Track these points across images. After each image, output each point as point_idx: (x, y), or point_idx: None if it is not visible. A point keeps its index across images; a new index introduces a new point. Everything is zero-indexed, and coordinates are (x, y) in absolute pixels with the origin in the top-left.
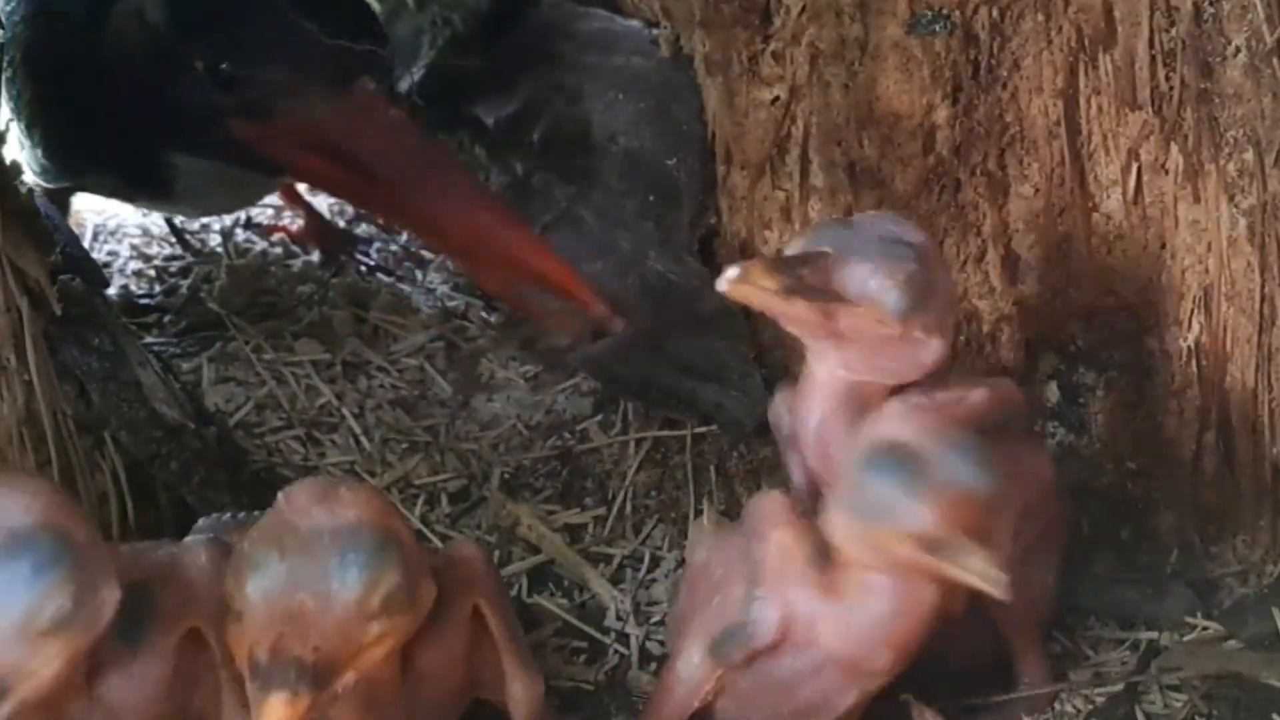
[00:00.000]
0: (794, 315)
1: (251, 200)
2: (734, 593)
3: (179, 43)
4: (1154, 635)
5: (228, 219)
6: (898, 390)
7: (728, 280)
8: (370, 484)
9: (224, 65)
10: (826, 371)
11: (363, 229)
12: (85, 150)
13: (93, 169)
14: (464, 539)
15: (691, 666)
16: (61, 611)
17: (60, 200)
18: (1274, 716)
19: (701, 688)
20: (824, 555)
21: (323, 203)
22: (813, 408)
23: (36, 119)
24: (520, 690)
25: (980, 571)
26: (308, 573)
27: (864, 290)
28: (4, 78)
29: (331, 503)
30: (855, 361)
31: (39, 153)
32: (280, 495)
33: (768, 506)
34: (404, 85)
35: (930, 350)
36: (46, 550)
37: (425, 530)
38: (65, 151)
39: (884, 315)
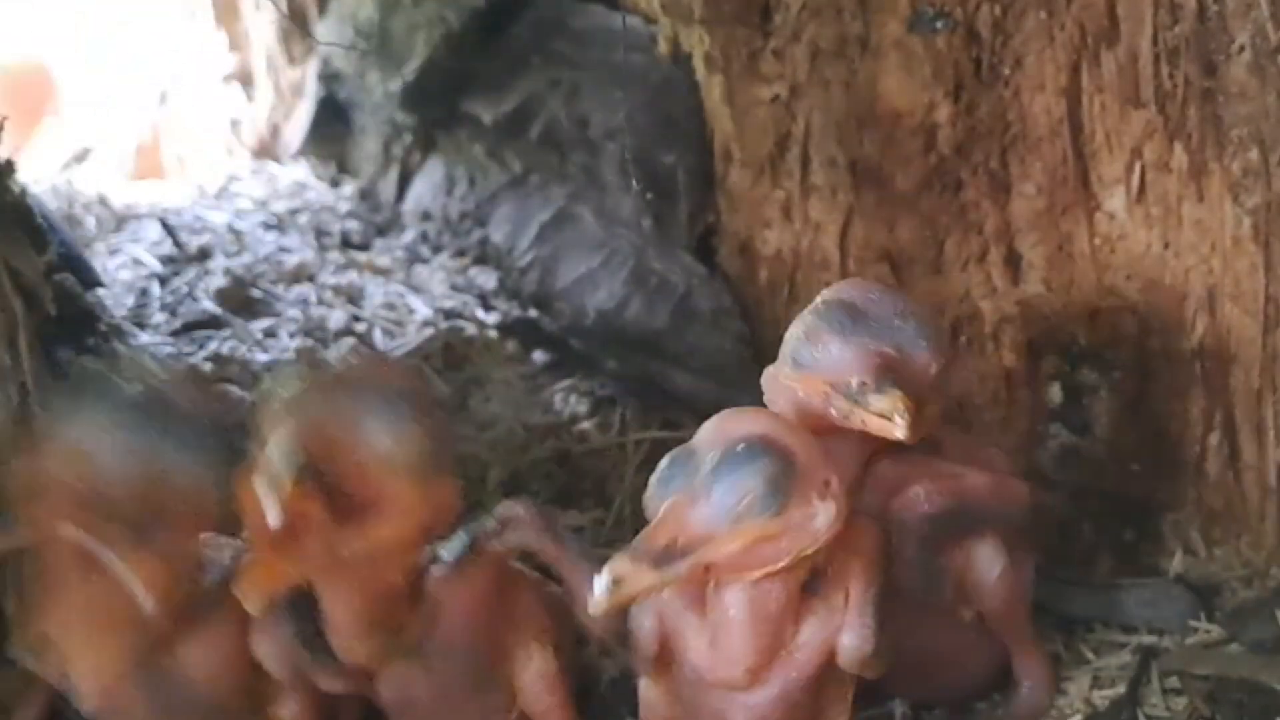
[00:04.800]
0: (680, 583)
1: None
2: None
3: None
4: (1155, 639)
5: (226, 217)
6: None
7: (603, 598)
8: None
9: None
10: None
11: None
12: None
13: None
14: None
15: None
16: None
17: None
18: (1276, 719)
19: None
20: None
21: None
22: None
23: None
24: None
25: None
26: None
27: (730, 518)
28: None
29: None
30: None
31: None
32: None
33: None
34: (397, 85)
35: (825, 515)
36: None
37: None
38: None
39: (760, 529)
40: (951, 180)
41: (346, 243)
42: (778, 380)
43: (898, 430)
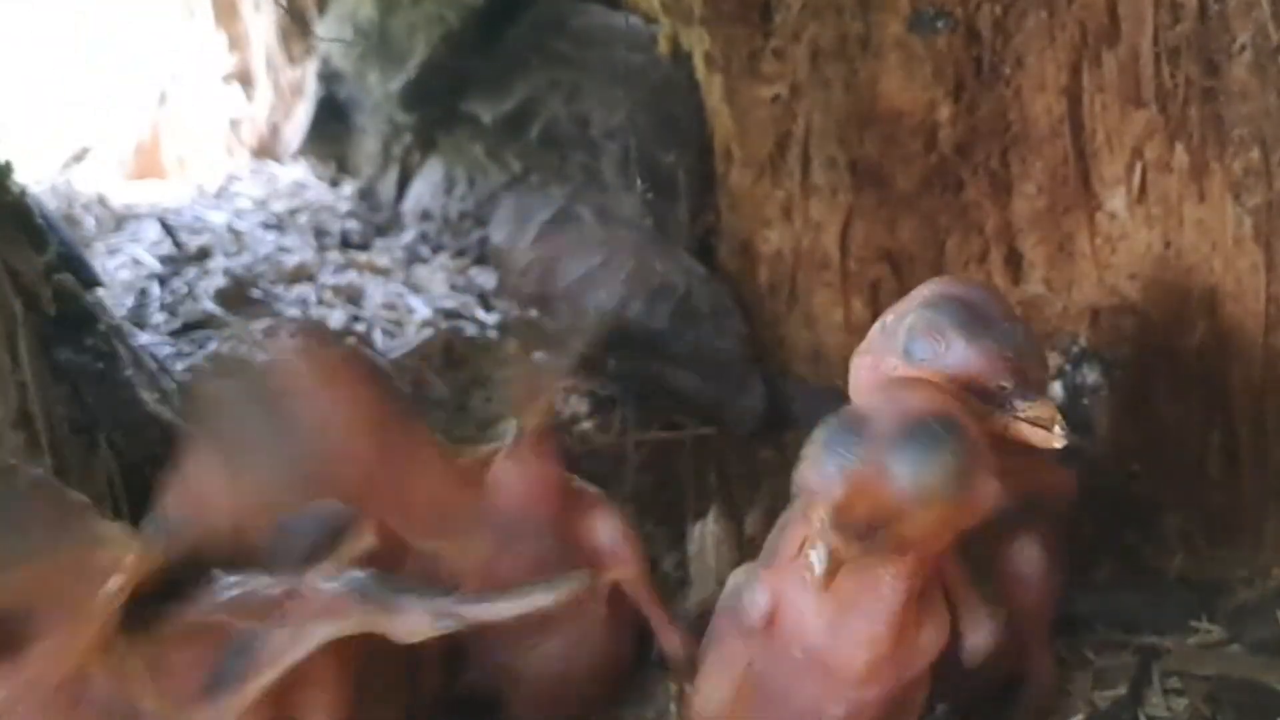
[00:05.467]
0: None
1: None
2: None
3: None
4: (1156, 640)
5: (226, 217)
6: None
7: (823, 572)
8: None
9: None
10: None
11: None
12: None
13: None
14: None
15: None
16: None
17: None
18: (1277, 719)
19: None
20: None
21: None
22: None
23: None
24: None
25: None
26: None
27: (922, 494)
28: None
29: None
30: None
31: None
32: None
33: None
34: (396, 84)
35: (993, 493)
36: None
37: None
38: None
39: (946, 506)
40: (952, 180)
41: (346, 243)
42: (877, 370)
43: (1056, 440)
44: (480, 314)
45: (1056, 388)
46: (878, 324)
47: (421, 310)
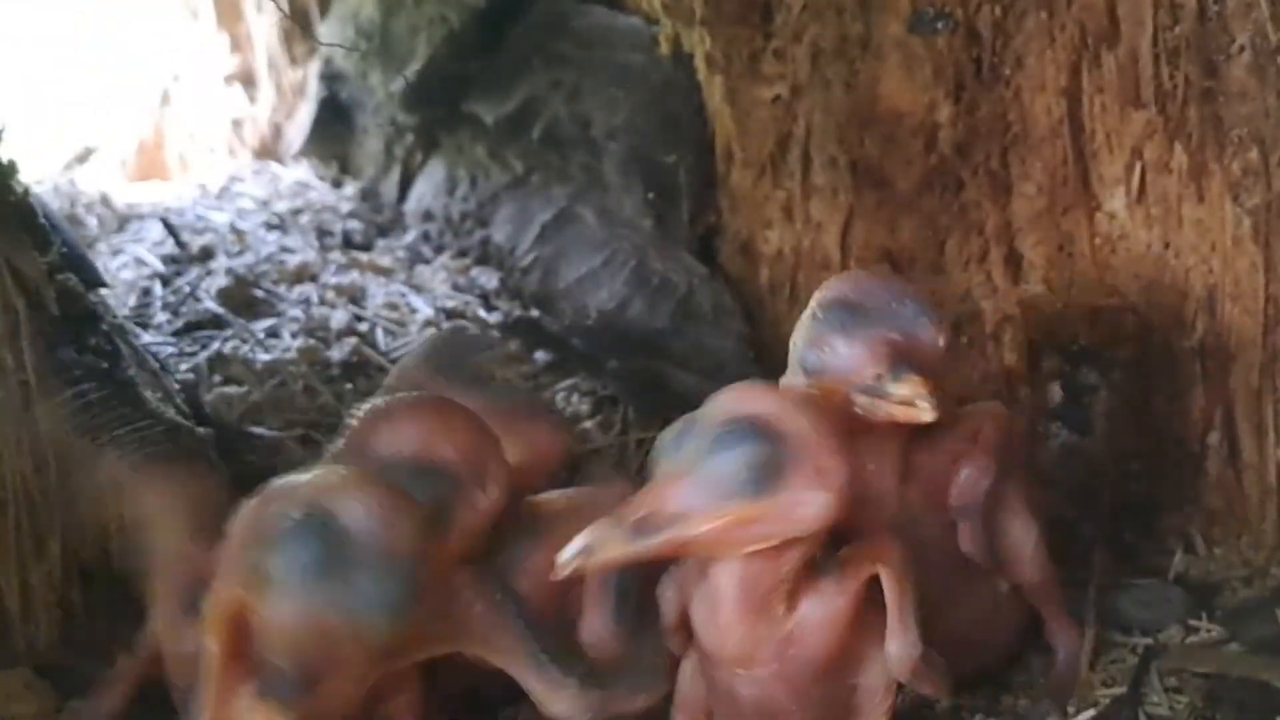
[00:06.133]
0: (650, 556)
1: None
2: None
3: None
4: (1154, 639)
5: (228, 217)
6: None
7: (571, 560)
8: None
9: None
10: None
11: None
12: None
13: None
14: None
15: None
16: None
17: None
18: (1278, 718)
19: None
20: None
21: None
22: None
23: None
24: None
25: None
26: None
27: (711, 498)
28: None
29: None
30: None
31: None
32: None
33: None
34: (398, 85)
35: (815, 504)
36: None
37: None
38: None
39: (739, 512)
40: (952, 180)
41: (348, 243)
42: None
43: (924, 414)
44: (482, 314)
45: (1056, 388)
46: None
47: (424, 310)
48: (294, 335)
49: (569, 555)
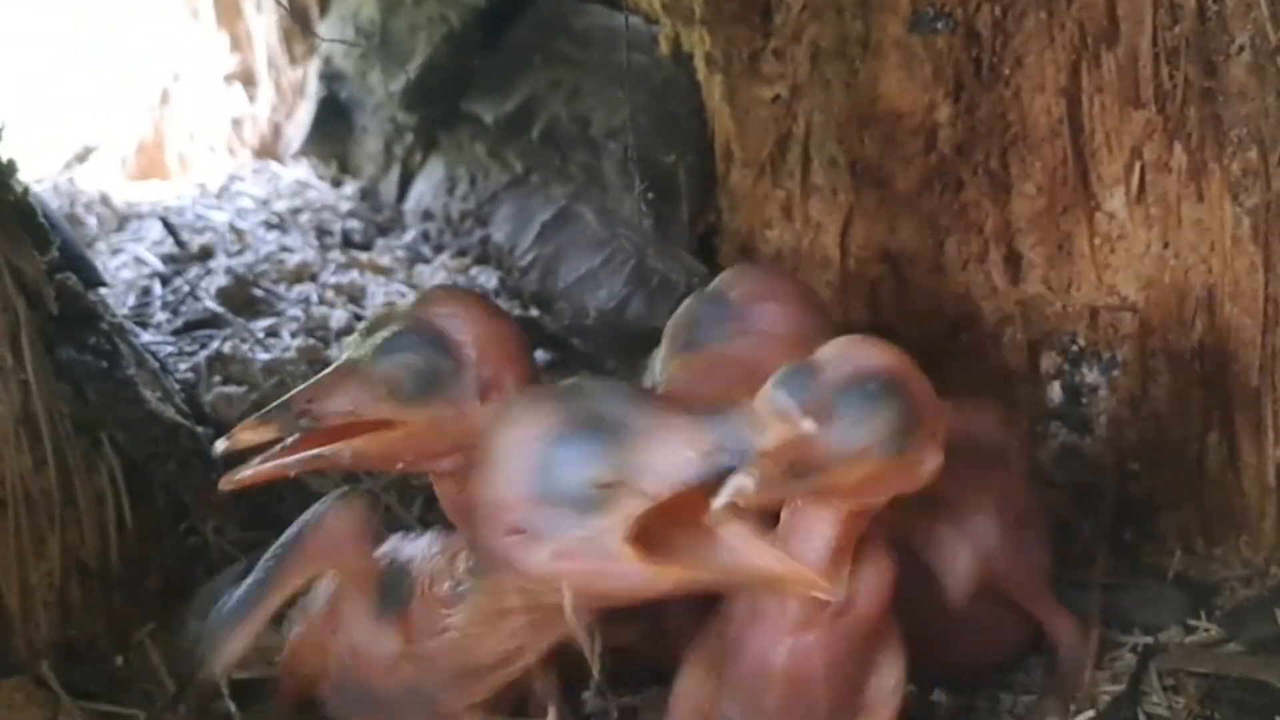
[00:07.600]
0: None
1: None
2: None
3: None
4: (1154, 639)
5: (228, 216)
6: None
7: (732, 497)
8: None
9: None
10: None
11: None
12: None
13: None
14: None
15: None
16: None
17: None
18: (1277, 718)
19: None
20: None
21: None
22: None
23: None
24: None
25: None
26: None
27: (855, 449)
28: None
29: None
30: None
31: None
32: None
33: None
34: (398, 84)
35: (932, 462)
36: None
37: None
38: None
39: (878, 466)
40: (952, 180)
41: (348, 242)
42: None
43: None
44: None
45: (1055, 388)
46: None
47: None
48: (293, 335)
49: (730, 493)
